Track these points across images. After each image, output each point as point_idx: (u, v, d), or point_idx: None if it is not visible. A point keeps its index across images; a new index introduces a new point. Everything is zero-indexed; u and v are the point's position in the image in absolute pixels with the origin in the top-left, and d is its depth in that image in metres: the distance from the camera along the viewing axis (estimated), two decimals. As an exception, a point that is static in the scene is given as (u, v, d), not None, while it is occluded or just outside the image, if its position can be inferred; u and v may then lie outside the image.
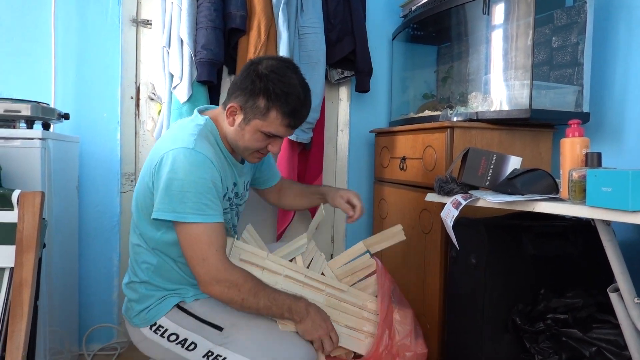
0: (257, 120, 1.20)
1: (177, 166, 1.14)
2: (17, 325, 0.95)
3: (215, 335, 1.21)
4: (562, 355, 1.30)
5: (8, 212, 1.01)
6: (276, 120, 1.20)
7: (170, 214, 1.14)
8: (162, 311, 1.24)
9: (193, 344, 1.22)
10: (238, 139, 1.25)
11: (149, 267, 1.28)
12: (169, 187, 1.14)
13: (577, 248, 1.46)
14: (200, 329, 1.22)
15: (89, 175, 2.00)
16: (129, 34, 2.04)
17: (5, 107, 1.44)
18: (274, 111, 1.19)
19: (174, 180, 1.14)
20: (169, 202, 1.14)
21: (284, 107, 1.19)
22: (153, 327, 1.25)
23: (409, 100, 2.36)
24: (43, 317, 1.46)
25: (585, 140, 1.13)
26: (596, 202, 0.93)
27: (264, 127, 1.21)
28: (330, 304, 1.34)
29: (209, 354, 1.21)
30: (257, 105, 1.19)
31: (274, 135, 1.24)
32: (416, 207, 1.87)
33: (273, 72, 1.19)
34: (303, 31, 1.97)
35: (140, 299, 1.27)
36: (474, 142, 1.69)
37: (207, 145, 1.20)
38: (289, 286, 1.31)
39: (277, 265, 1.33)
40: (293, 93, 1.19)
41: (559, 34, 1.75)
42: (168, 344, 1.24)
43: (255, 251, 1.32)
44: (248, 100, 1.20)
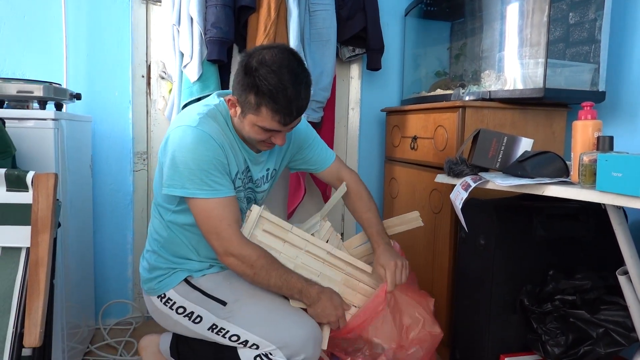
0: (251, 115, 1.18)
1: (181, 143, 1.18)
2: (35, 303, 0.98)
3: (219, 310, 1.25)
4: (570, 336, 1.31)
5: (23, 193, 1.03)
6: (267, 116, 1.16)
7: (180, 190, 1.18)
8: (171, 284, 1.30)
9: (199, 317, 1.27)
10: (241, 129, 1.26)
11: (158, 239, 1.33)
12: (175, 164, 1.18)
13: (588, 230, 1.46)
14: (206, 303, 1.26)
15: (102, 154, 2.03)
16: (138, 12, 2.03)
17: (18, 88, 1.45)
18: (263, 108, 1.15)
19: (179, 157, 1.17)
20: (178, 179, 1.18)
21: (272, 104, 1.14)
22: (162, 298, 1.31)
23: (420, 78, 2.32)
24: (60, 293, 1.50)
25: (597, 123, 1.11)
26: (606, 187, 0.92)
27: (258, 122, 1.18)
28: (348, 284, 1.35)
29: (213, 326, 1.25)
30: (249, 100, 1.15)
31: (270, 130, 1.21)
32: (426, 187, 1.86)
33: (263, 65, 1.13)
34: (314, 8, 1.94)
35: (149, 268, 1.34)
36: (486, 122, 1.67)
37: (212, 124, 1.21)
38: (309, 261, 1.32)
39: (300, 239, 1.33)
40: (280, 90, 1.12)
41: (576, 10, 1.70)
42: (176, 316, 1.29)
43: (281, 223, 1.32)
44: (241, 95, 1.17)
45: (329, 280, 1.33)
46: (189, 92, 1.83)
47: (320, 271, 1.32)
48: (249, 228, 1.28)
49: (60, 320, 1.51)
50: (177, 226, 1.30)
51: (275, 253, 1.28)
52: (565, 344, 1.31)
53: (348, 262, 1.36)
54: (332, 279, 1.33)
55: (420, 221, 1.49)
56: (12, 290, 1.01)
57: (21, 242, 1.02)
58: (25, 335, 0.96)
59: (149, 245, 1.37)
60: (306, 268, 1.32)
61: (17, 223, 1.03)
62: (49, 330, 1.04)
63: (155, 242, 1.34)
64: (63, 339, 1.53)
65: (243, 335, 1.23)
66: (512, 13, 1.75)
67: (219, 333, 1.25)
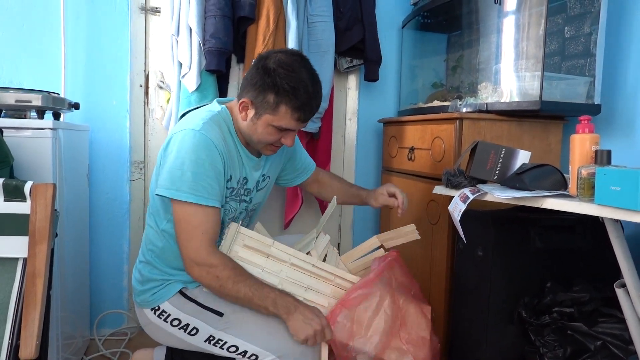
0: (268, 114, 1.21)
1: (181, 146, 1.18)
2: (31, 314, 0.97)
3: (216, 321, 1.23)
4: (567, 348, 1.31)
5: (21, 203, 1.02)
6: (286, 114, 1.20)
7: (168, 191, 1.17)
8: (165, 296, 1.27)
9: (195, 329, 1.24)
10: (252, 133, 1.26)
11: (153, 249, 1.31)
12: (170, 166, 1.18)
13: (586, 242, 1.46)
14: (201, 315, 1.24)
15: (99, 163, 2.02)
16: (137, 22, 2.03)
17: (16, 97, 1.45)
18: (283, 106, 1.19)
19: (176, 159, 1.17)
20: (169, 179, 1.17)
21: (293, 101, 1.18)
22: (157, 311, 1.28)
23: (417, 89, 2.34)
24: (55, 303, 1.49)
25: (595, 136, 1.12)
26: (605, 201, 0.92)
27: (274, 122, 1.21)
28: (337, 295, 1.33)
29: (211, 338, 1.23)
30: (267, 100, 1.19)
31: (286, 129, 1.24)
32: (424, 198, 1.87)
33: (281, 66, 1.19)
34: (312, 19, 1.96)
35: (142, 280, 1.31)
36: (483, 134, 1.68)
37: (215, 130, 1.22)
38: (295, 275, 1.29)
39: (283, 253, 1.30)
40: (301, 87, 1.18)
41: (571, 24, 1.72)
42: (171, 329, 1.27)
43: (261, 238, 1.30)
44: (258, 96, 1.20)
45: (316, 293, 1.30)
46: (187, 101, 1.83)
47: (307, 284, 1.30)
48: (227, 244, 1.26)
49: (56, 330, 1.50)
50: (172, 235, 1.28)
51: (257, 269, 1.26)
52: (563, 356, 1.31)
53: (335, 274, 1.33)
54: (320, 292, 1.31)
55: (417, 234, 1.49)
56: (9, 301, 1.00)
57: (18, 252, 1.01)
58: (21, 347, 0.95)
59: (142, 256, 1.34)
60: (292, 282, 1.28)
61: (15, 233, 1.02)
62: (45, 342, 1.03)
63: (149, 252, 1.32)
64: (58, 349, 1.52)
65: (242, 345, 1.21)
66: (508, 26, 1.77)
67: (217, 344, 1.23)
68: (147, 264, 1.32)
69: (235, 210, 1.34)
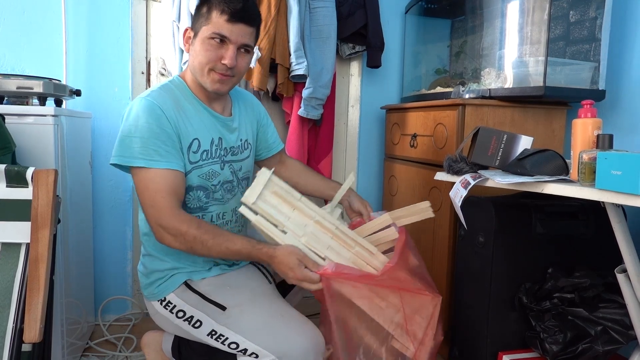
0: (203, 27, 1.21)
1: (129, 114, 1.18)
2: (35, 299, 0.98)
3: (219, 315, 1.22)
4: (568, 333, 1.32)
5: (23, 189, 1.03)
6: (217, 18, 1.19)
7: (120, 159, 1.16)
8: (171, 287, 1.27)
9: (199, 322, 1.24)
10: (193, 59, 1.25)
11: (148, 239, 1.30)
12: (120, 135, 1.17)
13: (588, 228, 1.46)
14: (205, 307, 1.24)
15: (102, 150, 2.03)
16: (138, 8, 2.02)
17: (18, 84, 1.45)
18: (214, 11, 1.20)
19: (124, 126, 1.17)
20: (119, 147, 1.16)
21: (222, 3, 1.19)
22: (163, 302, 1.28)
23: (421, 75, 2.32)
24: (60, 289, 1.50)
25: (597, 121, 1.11)
26: (605, 185, 0.92)
27: (208, 30, 1.20)
28: (356, 263, 1.28)
29: (213, 332, 1.22)
30: (201, 14, 1.22)
31: (222, 39, 1.21)
32: (426, 184, 1.87)
33: None
34: (314, 5, 1.94)
35: (147, 272, 1.31)
36: (486, 120, 1.67)
37: (163, 96, 1.21)
38: (318, 233, 1.25)
39: (309, 209, 1.26)
40: None
41: (576, 8, 1.70)
42: (177, 320, 1.27)
43: (290, 190, 1.26)
44: (194, 18, 1.25)
45: (337, 255, 1.26)
46: (188, 88, 1.83)
47: (329, 244, 1.25)
48: (258, 189, 1.21)
49: (60, 316, 1.52)
50: None
51: (283, 217, 1.22)
52: (563, 341, 1.32)
53: (356, 241, 1.29)
54: (341, 255, 1.26)
55: (431, 212, 1.42)
56: (12, 286, 1.01)
57: (21, 238, 1.02)
58: (25, 330, 0.96)
59: (144, 249, 1.34)
60: (315, 239, 1.24)
61: (17, 219, 1.02)
62: (49, 326, 1.04)
63: (147, 243, 1.31)
64: (62, 334, 1.53)
65: (242, 343, 1.19)
66: (512, 11, 1.75)
67: (219, 339, 1.22)
68: (148, 256, 1.32)
69: (219, 175, 1.31)
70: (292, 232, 1.23)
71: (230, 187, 1.36)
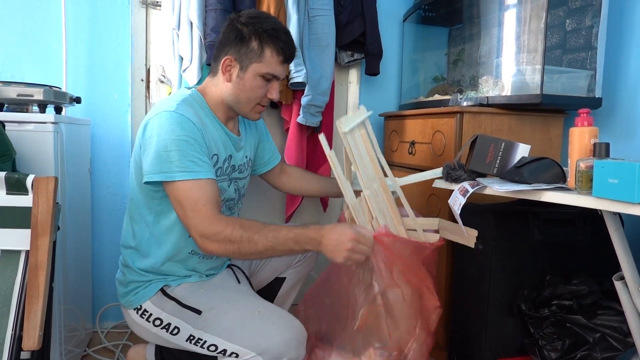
0: (255, 63, 1.24)
1: (160, 129, 1.16)
2: (34, 306, 0.98)
3: (195, 319, 1.22)
4: (566, 340, 1.32)
5: (23, 196, 1.03)
6: (272, 58, 1.24)
7: (159, 175, 1.15)
8: (147, 295, 1.26)
9: (176, 328, 1.23)
10: (239, 92, 1.27)
11: (131, 253, 1.30)
12: (155, 150, 1.16)
13: (585, 235, 1.47)
14: (181, 313, 1.23)
15: (101, 157, 2.03)
16: (138, 16, 2.03)
17: (18, 92, 1.46)
18: (268, 49, 1.23)
19: (158, 142, 1.15)
20: (156, 164, 1.15)
21: (277, 43, 1.23)
22: (139, 311, 1.27)
23: (419, 83, 2.34)
24: (58, 296, 1.50)
25: (594, 129, 1.12)
26: (602, 193, 0.93)
27: (262, 69, 1.24)
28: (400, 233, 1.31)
29: (191, 337, 1.22)
30: (252, 48, 1.23)
31: (272, 78, 1.27)
32: (424, 191, 1.87)
33: (254, 17, 1.26)
34: (313, 13, 1.95)
35: (125, 282, 1.31)
36: (484, 127, 1.68)
37: (190, 109, 1.21)
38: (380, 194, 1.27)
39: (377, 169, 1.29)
40: (279, 29, 1.26)
41: (572, 17, 1.72)
42: (154, 329, 1.26)
43: (375, 143, 1.30)
44: (241, 48, 1.23)
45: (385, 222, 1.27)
46: (188, 96, 1.84)
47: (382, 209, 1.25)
48: (354, 122, 1.23)
49: (58, 323, 1.51)
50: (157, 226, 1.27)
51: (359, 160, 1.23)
52: (562, 348, 1.32)
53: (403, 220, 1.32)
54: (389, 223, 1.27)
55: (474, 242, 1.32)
56: (12, 293, 1.01)
57: (21, 245, 1.02)
58: (24, 338, 0.96)
59: (123, 260, 1.33)
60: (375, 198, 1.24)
61: (17, 226, 1.03)
62: (48, 334, 1.04)
63: (130, 257, 1.31)
64: (61, 342, 1.53)
65: (221, 344, 1.19)
66: (509, 19, 1.77)
67: (197, 344, 1.22)
68: (127, 267, 1.31)
69: (226, 192, 1.32)
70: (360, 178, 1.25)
71: (232, 204, 1.38)
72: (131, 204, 1.31)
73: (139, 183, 1.25)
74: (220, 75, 1.28)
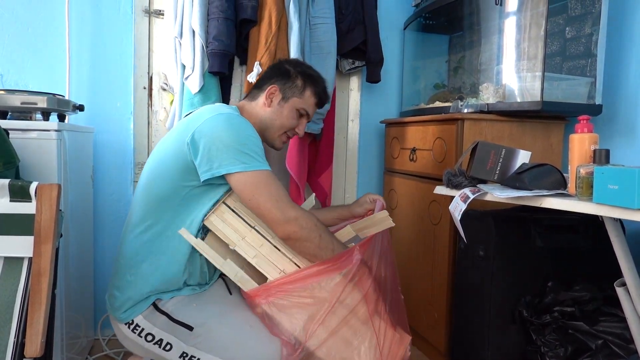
0: (296, 98, 1.37)
1: (229, 125, 1.20)
2: (36, 313, 0.98)
3: (187, 335, 1.21)
4: (568, 347, 1.32)
5: (26, 203, 1.04)
6: (309, 98, 1.39)
7: (240, 166, 1.18)
8: (139, 310, 1.24)
9: (169, 345, 1.22)
10: (275, 117, 1.37)
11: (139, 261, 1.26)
12: (226, 145, 1.18)
13: (587, 241, 1.47)
14: (172, 329, 1.22)
15: (103, 165, 2.04)
16: (141, 25, 2.05)
17: (22, 99, 1.47)
18: (308, 90, 1.39)
19: (229, 137, 1.19)
20: (234, 155, 1.17)
21: (316, 87, 1.40)
22: (130, 325, 1.24)
23: (419, 90, 2.35)
24: (60, 303, 1.50)
25: (594, 136, 1.13)
26: (603, 199, 0.93)
27: (300, 104, 1.38)
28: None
29: (184, 354, 1.21)
30: (296, 84, 1.38)
31: (304, 114, 1.41)
32: (425, 198, 1.88)
33: (302, 64, 1.47)
34: (314, 21, 1.97)
35: (121, 297, 1.26)
36: (484, 134, 1.69)
37: None
38: (273, 255, 1.26)
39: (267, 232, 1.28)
40: (320, 77, 1.44)
41: (572, 24, 1.73)
42: (147, 344, 1.24)
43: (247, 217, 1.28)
44: (287, 82, 1.38)
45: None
46: (190, 103, 1.85)
47: (282, 269, 1.25)
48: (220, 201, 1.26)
49: (60, 330, 1.51)
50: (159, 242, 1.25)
51: (237, 236, 1.24)
52: (564, 355, 1.32)
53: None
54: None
55: (391, 221, 1.36)
56: (14, 299, 1.01)
57: (24, 252, 1.03)
58: (26, 344, 0.97)
59: (122, 275, 1.29)
60: (268, 261, 1.25)
61: (20, 233, 1.03)
62: (50, 341, 1.04)
63: (133, 269, 1.26)
64: (62, 349, 1.53)
65: None
66: (509, 27, 1.78)
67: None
68: (126, 281, 1.26)
69: None
70: (244, 252, 1.25)
71: None
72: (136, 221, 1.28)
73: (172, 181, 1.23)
74: (261, 100, 1.38)
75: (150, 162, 1.31)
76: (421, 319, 1.91)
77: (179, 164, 1.23)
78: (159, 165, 1.28)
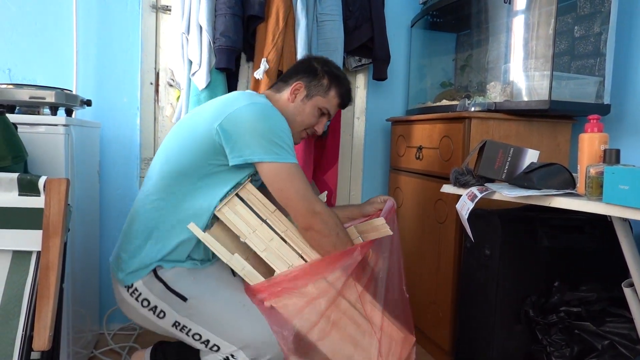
0: (319, 97, 1.40)
1: (268, 117, 1.24)
2: (45, 306, 0.99)
3: (180, 305, 1.23)
4: (575, 347, 1.32)
5: (35, 197, 1.04)
6: (333, 99, 1.41)
7: (273, 156, 1.21)
8: (140, 275, 1.25)
9: (162, 312, 1.24)
10: (297, 113, 1.39)
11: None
12: (262, 133, 1.21)
13: (594, 242, 1.46)
14: (167, 297, 1.24)
15: (110, 160, 2.04)
16: (148, 20, 2.05)
17: (30, 94, 1.47)
18: (333, 90, 1.41)
19: (266, 126, 1.22)
20: (267, 145, 1.21)
21: (341, 88, 1.42)
22: (130, 289, 1.26)
23: (426, 88, 2.34)
24: (66, 297, 1.50)
25: (604, 135, 1.12)
26: (613, 200, 0.92)
27: (322, 103, 1.40)
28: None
29: (176, 323, 1.24)
30: (322, 83, 1.40)
31: (325, 114, 1.43)
32: (431, 197, 1.87)
33: (330, 63, 1.46)
34: (321, 18, 1.96)
35: (127, 259, 1.27)
36: (491, 133, 1.68)
37: None
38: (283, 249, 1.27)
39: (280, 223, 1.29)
40: (346, 79, 1.45)
41: (581, 23, 1.72)
42: (142, 310, 1.26)
43: (264, 200, 1.29)
44: (312, 80, 1.40)
45: None
46: (196, 99, 1.85)
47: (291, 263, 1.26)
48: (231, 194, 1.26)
49: (66, 324, 1.52)
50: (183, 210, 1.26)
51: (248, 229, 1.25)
52: (570, 355, 1.31)
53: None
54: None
55: (388, 229, 1.31)
56: (22, 293, 1.02)
57: (32, 246, 1.03)
58: (34, 338, 0.97)
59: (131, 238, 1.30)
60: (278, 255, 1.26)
61: (29, 227, 1.04)
62: (58, 334, 1.05)
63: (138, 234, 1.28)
64: (68, 343, 1.54)
65: (204, 334, 1.22)
66: (517, 26, 1.77)
67: (182, 331, 1.24)
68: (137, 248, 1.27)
69: None
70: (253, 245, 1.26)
71: None
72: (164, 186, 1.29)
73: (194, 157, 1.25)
74: (286, 94, 1.41)
75: (173, 137, 1.34)
76: (426, 318, 1.91)
77: (205, 143, 1.25)
78: (184, 142, 1.29)
